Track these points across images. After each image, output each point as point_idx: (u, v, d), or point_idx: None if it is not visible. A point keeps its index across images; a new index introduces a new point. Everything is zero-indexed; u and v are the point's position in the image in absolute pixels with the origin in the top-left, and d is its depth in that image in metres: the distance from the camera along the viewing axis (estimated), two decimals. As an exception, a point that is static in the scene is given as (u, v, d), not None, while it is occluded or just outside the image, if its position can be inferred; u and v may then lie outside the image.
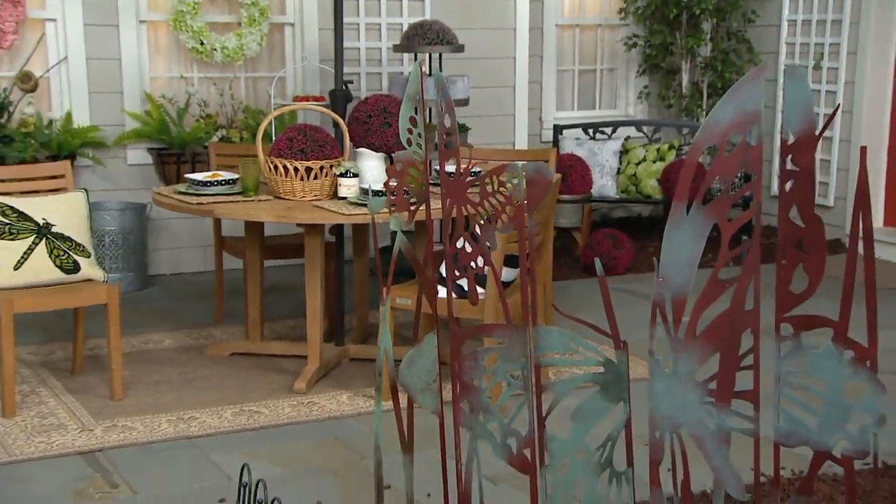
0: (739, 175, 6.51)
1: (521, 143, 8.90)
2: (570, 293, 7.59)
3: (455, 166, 3.04)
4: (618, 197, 8.80)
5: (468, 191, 3.07)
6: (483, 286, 5.40)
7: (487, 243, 3.05)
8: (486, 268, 3.01)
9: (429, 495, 3.97)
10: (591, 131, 9.06)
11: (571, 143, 8.91)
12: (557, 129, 9.02)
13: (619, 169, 8.81)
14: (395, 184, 3.17)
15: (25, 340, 6.30)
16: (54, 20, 7.54)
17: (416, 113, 3.20)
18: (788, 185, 2.68)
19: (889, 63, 8.34)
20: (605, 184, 8.78)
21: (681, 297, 2.69)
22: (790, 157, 2.60)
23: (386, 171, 3.58)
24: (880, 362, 2.68)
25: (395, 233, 3.29)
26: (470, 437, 3.00)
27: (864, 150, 2.65)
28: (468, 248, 3.09)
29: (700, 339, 2.71)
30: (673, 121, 9.34)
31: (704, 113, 9.22)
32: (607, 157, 8.82)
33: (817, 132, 2.56)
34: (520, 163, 3.07)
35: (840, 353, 2.66)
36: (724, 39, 9.13)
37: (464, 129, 7.96)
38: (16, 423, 5.20)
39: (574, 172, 8.31)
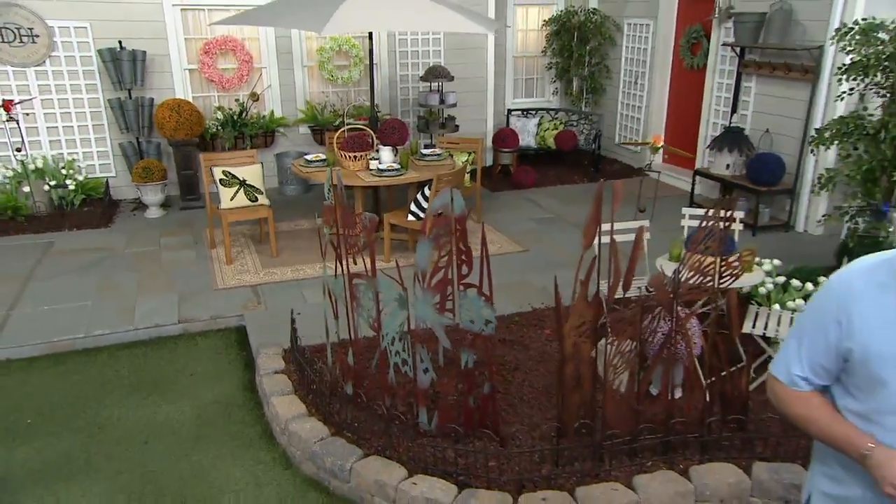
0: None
1: (490, 119, 8.52)
2: (501, 200, 7.38)
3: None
4: (535, 147, 8.63)
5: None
6: (424, 213, 5.10)
7: (357, 245, 3.37)
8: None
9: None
10: (524, 112, 8.88)
11: (514, 119, 8.77)
12: (509, 112, 8.88)
13: (536, 132, 8.70)
14: (328, 217, 3.48)
15: (249, 223, 6.38)
16: (265, 67, 7.54)
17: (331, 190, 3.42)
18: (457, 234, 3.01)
19: (666, 82, 8.12)
20: (529, 141, 8.66)
21: (424, 271, 3.01)
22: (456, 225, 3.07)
23: (323, 210, 3.53)
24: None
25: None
26: (356, 316, 3.41)
27: (484, 233, 2.94)
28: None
29: (433, 287, 3.04)
30: (565, 108, 9.10)
31: (584, 104, 9.02)
32: (531, 127, 8.69)
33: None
34: (368, 214, 3.28)
35: (479, 297, 2.98)
36: (593, 66, 8.86)
37: (452, 118, 7.89)
38: (230, 268, 5.41)
39: (510, 137, 8.21)
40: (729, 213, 3.11)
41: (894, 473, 1.43)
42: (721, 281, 3.16)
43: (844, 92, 4.40)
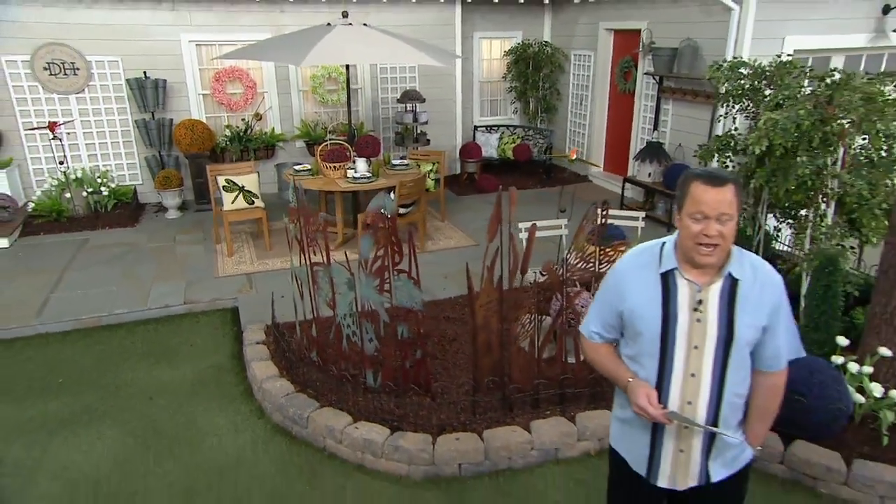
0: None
1: (459, 134, 8.50)
2: (465, 203, 7.42)
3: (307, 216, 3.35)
4: (497, 158, 8.65)
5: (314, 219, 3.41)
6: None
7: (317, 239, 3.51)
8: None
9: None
10: (488, 128, 8.87)
11: (479, 134, 8.79)
12: (475, 128, 8.91)
13: (498, 145, 8.71)
14: (293, 216, 3.62)
15: (248, 223, 6.44)
16: (267, 91, 7.62)
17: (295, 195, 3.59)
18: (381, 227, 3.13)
19: (605, 103, 8.21)
20: (491, 152, 8.66)
21: (367, 259, 3.18)
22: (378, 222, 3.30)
23: (289, 210, 3.61)
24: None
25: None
26: (317, 295, 3.56)
27: (411, 234, 3.08)
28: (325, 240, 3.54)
29: (373, 273, 3.22)
30: (523, 125, 9.06)
31: (539, 121, 9.09)
32: (494, 141, 8.74)
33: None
34: (322, 214, 3.52)
35: (409, 280, 3.15)
36: (546, 89, 8.93)
37: (424, 134, 8.01)
38: (230, 259, 5.51)
39: (475, 150, 8.32)
40: (605, 212, 3.41)
41: (637, 398, 1.75)
42: (600, 266, 3.46)
43: (721, 115, 4.69)
